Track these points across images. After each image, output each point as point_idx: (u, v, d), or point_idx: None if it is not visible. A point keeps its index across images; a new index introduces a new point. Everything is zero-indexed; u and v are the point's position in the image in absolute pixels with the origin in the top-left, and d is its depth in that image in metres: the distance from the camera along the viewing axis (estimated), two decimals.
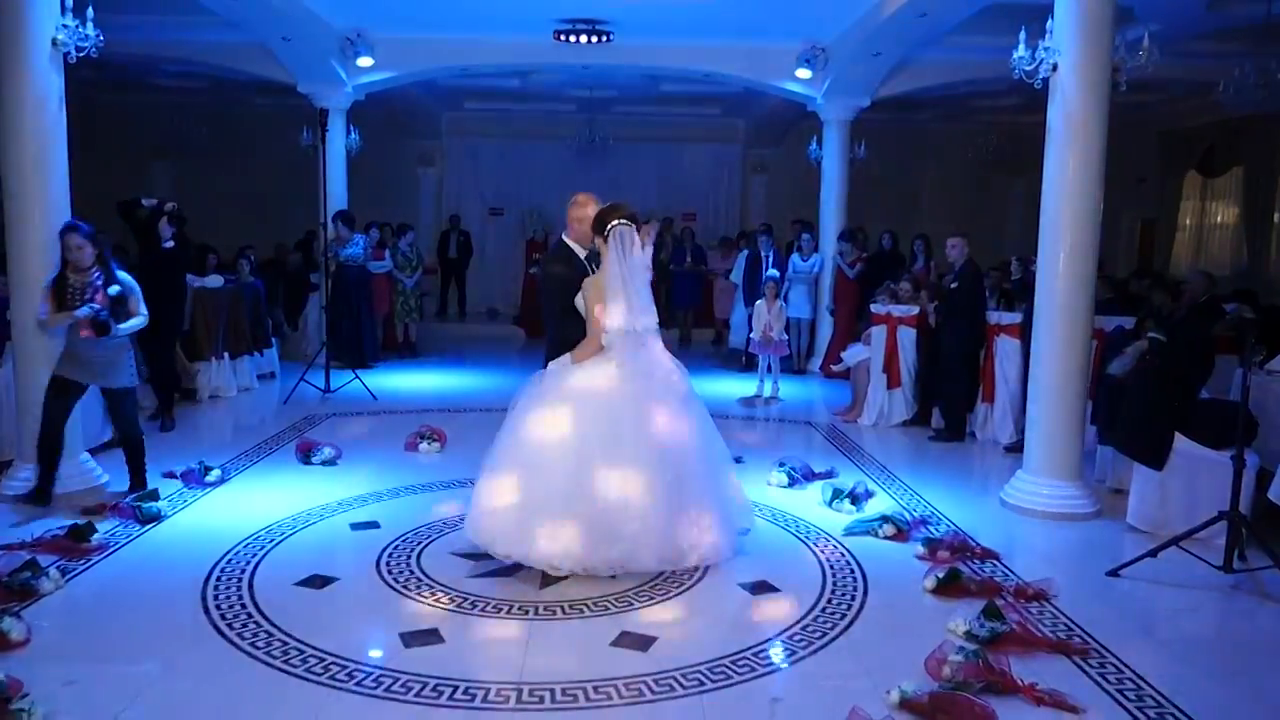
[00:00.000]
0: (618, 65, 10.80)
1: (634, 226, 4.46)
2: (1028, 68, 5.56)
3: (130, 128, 14.93)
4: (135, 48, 10.07)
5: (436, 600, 4.11)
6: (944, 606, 4.18)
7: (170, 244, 7.14)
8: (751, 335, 9.51)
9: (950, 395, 7.68)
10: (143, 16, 9.26)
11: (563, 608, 4.05)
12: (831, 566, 4.68)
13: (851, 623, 4.00)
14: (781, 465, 6.25)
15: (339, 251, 10.33)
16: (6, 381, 5.67)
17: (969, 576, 4.42)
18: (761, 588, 4.37)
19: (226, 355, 8.73)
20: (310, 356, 11.10)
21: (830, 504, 5.64)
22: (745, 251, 11.50)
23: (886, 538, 5.08)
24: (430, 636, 3.75)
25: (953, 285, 7.55)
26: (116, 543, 4.73)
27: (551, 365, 4.64)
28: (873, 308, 8.35)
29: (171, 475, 5.90)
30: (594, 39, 9.71)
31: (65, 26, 5.23)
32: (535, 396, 4.53)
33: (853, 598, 4.27)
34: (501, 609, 4.03)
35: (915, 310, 8.10)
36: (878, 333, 8.22)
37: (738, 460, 6.60)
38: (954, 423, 7.68)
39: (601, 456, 4.30)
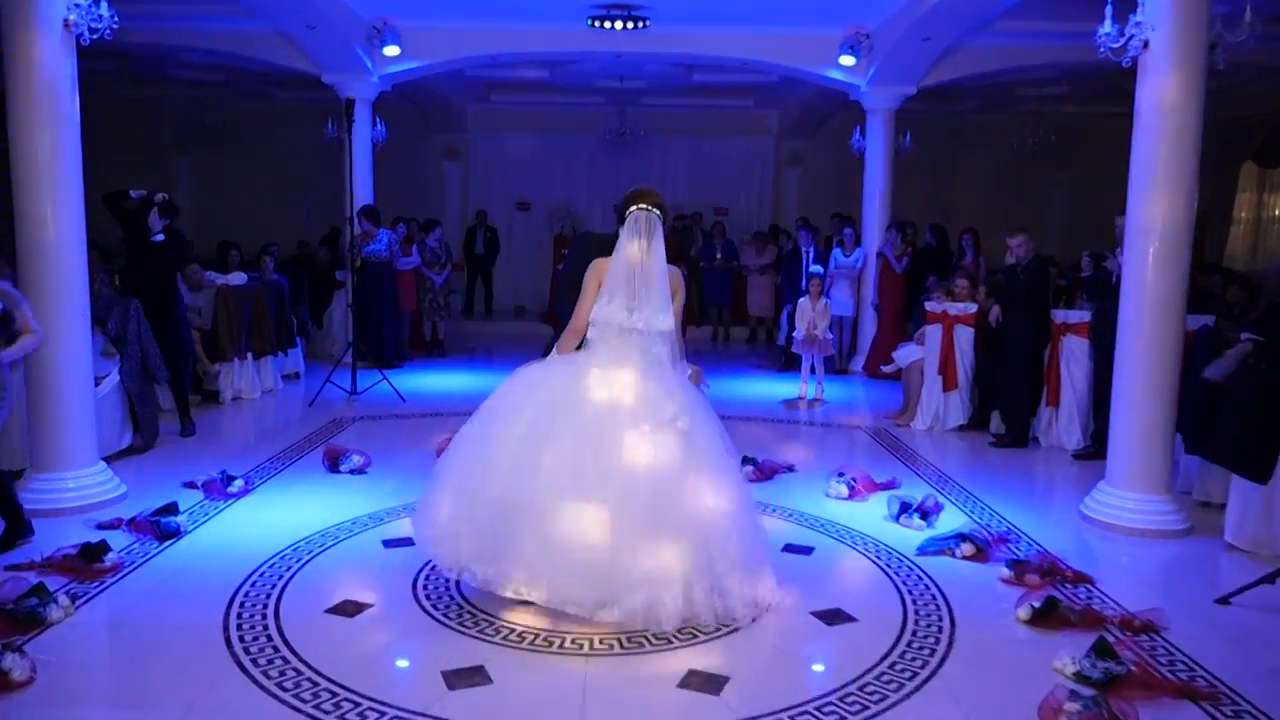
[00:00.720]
0: (652, 54, 10.38)
1: (657, 215, 3.97)
2: (1115, 45, 5.09)
3: (152, 123, 14.69)
4: (154, 36, 9.78)
5: (481, 632, 3.72)
6: (1043, 640, 3.75)
7: (160, 237, 6.75)
8: (795, 334, 9.08)
9: (1013, 398, 7.22)
10: (163, 5, 8.97)
11: (620, 641, 3.65)
12: (910, 591, 4.26)
13: (943, 660, 3.58)
14: (840, 475, 5.82)
15: (364, 248, 9.99)
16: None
17: (1067, 605, 3.99)
18: (836, 616, 3.95)
19: (250, 355, 8.40)
20: (336, 356, 10.81)
21: (898, 519, 5.21)
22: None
23: (965, 558, 4.65)
24: (476, 676, 3.36)
25: (1019, 278, 7.08)
26: (132, 562, 4.38)
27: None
28: (928, 306, 7.89)
29: (192, 485, 5.56)
30: (629, 25, 9.30)
31: (77, 6, 4.88)
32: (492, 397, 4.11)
33: (939, 629, 3.85)
34: (554, 642, 3.64)
35: (973, 308, 7.65)
36: (933, 332, 7.77)
37: (789, 469, 6.31)
38: (1016, 427, 7.22)
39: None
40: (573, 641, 3.64)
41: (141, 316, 6.31)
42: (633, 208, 4.01)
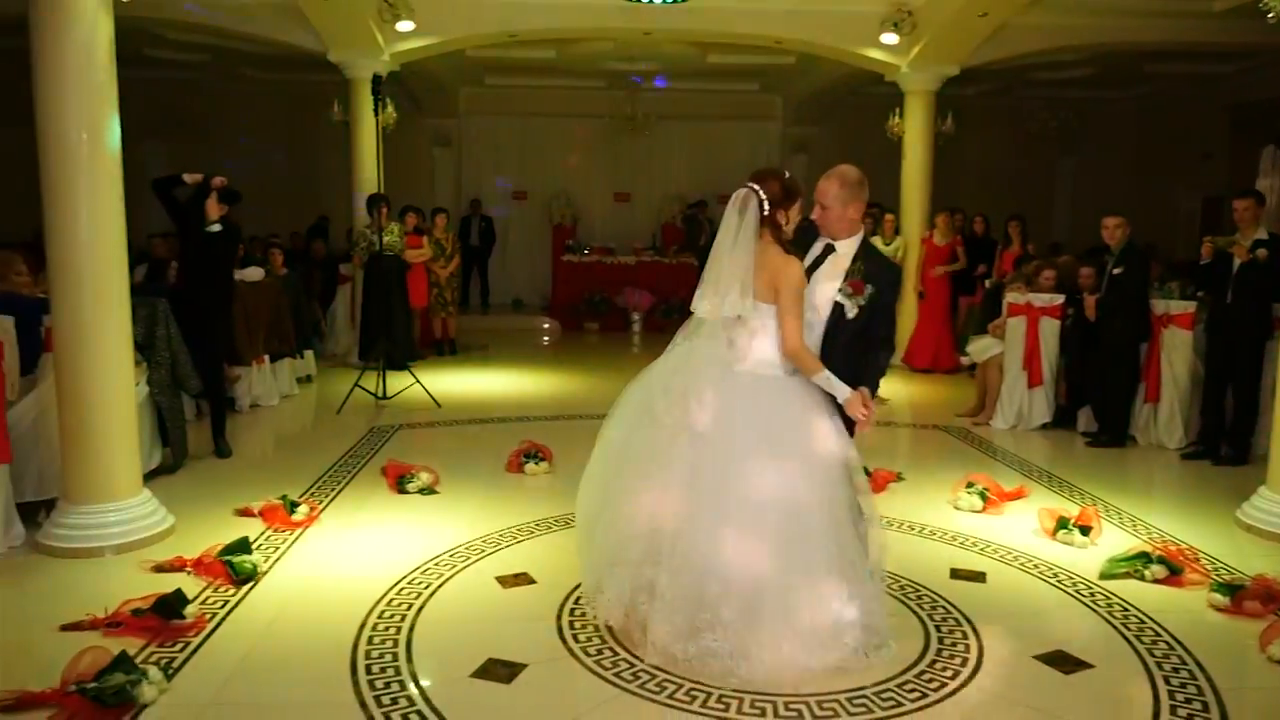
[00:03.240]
0: (685, 30, 9.75)
1: (752, 190, 3.36)
2: None
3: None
4: (142, 8, 8.86)
5: (671, 697, 3.10)
6: None
7: (217, 227, 5.91)
8: None
9: (1111, 394, 6.78)
10: None
11: (809, 706, 3.06)
12: (1125, 626, 3.73)
13: (1225, 716, 3.06)
14: (970, 486, 5.30)
15: (376, 240, 9.20)
16: (45, 404, 4.55)
17: None
18: (1064, 661, 3.41)
19: (268, 359, 7.62)
20: (341, 356, 10.06)
21: (1056, 535, 4.70)
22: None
23: (1156, 581, 4.15)
24: None
25: (1117, 270, 6.63)
26: (214, 615, 3.67)
27: None
28: (1009, 298, 7.40)
29: (248, 513, 4.83)
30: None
31: None
32: None
33: (1192, 676, 3.31)
34: (765, 709, 3.03)
35: (1059, 299, 7.19)
36: (1015, 325, 7.29)
37: (899, 478, 5.78)
38: (1114, 425, 6.77)
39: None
40: (752, 705, 3.03)
41: (171, 319, 5.53)
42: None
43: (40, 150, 4.16)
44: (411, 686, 3.15)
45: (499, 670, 3.27)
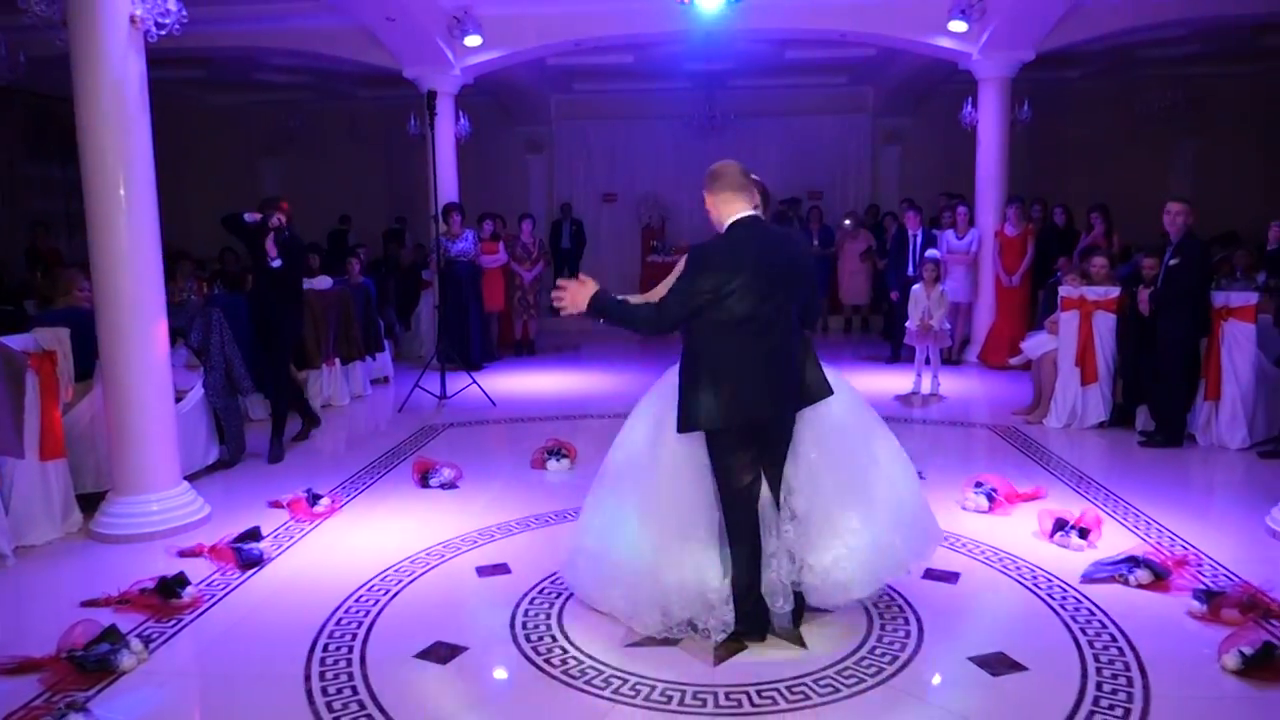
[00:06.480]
0: (745, 30, 9.79)
1: None
2: None
3: (239, 128, 14.77)
4: (239, 39, 9.67)
5: (589, 683, 3.27)
6: (1264, 698, 3.11)
7: (277, 263, 6.39)
8: (908, 324, 8.41)
9: (1167, 391, 6.44)
10: (243, 6, 8.83)
11: (750, 695, 3.15)
12: (1083, 630, 3.63)
13: None
14: (978, 485, 5.19)
15: (449, 246, 9.67)
16: (99, 404, 5.10)
17: None
18: (1001, 664, 3.36)
19: (338, 361, 8.16)
20: (425, 358, 10.57)
21: (1053, 537, 4.57)
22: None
23: (1140, 586, 3.99)
24: None
25: (1172, 261, 6.29)
26: (211, 596, 4.06)
27: None
28: (1061, 290, 7.14)
29: (277, 505, 5.26)
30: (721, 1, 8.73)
31: (143, 1, 4.59)
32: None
33: (1128, 681, 3.22)
34: (673, 697, 3.15)
35: (1115, 292, 6.87)
36: (1068, 319, 7.01)
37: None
38: (1170, 425, 6.43)
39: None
40: (694, 696, 3.15)
41: (224, 326, 6.06)
42: None
43: (83, 179, 4.68)
44: (356, 662, 3.42)
45: (440, 651, 3.51)
